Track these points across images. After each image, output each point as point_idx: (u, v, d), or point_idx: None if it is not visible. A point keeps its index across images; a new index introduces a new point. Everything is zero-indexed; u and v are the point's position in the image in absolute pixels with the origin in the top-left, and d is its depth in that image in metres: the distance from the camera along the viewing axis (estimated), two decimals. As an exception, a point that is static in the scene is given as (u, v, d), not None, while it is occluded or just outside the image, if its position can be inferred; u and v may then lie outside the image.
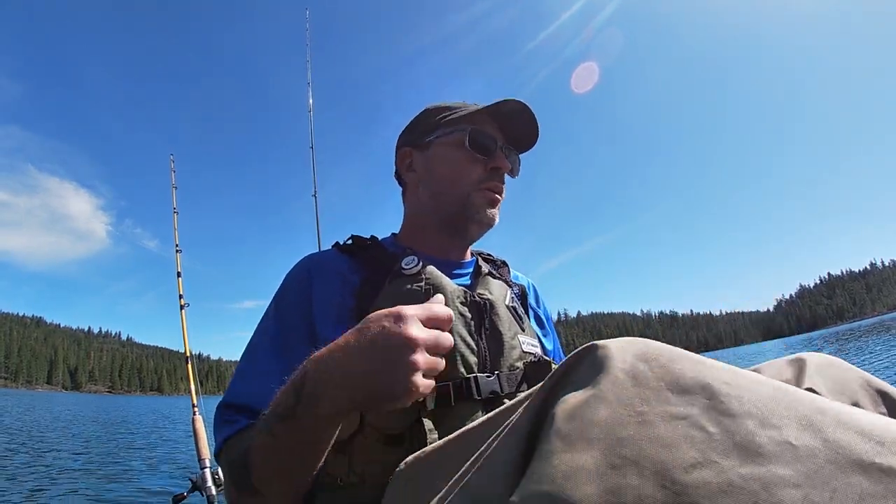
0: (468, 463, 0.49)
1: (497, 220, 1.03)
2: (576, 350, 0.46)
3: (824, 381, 0.64)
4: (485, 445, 0.48)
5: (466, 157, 0.99)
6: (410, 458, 0.61)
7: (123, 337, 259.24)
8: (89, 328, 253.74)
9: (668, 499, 0.34)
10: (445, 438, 0.58)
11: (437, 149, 1.03)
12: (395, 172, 1.13)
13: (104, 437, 12.99)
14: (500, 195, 1.01)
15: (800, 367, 0.67)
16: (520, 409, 0.47)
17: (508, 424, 0.46)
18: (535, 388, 0.49)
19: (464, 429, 0.56)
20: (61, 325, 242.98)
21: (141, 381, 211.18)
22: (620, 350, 0.43)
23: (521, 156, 1.10)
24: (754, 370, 0.70)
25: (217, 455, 0.85)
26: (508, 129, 1.04)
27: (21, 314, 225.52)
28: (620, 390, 0.40)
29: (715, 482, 0.33)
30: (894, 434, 0.34)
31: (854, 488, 0.31)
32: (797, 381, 0.65)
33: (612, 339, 0.46)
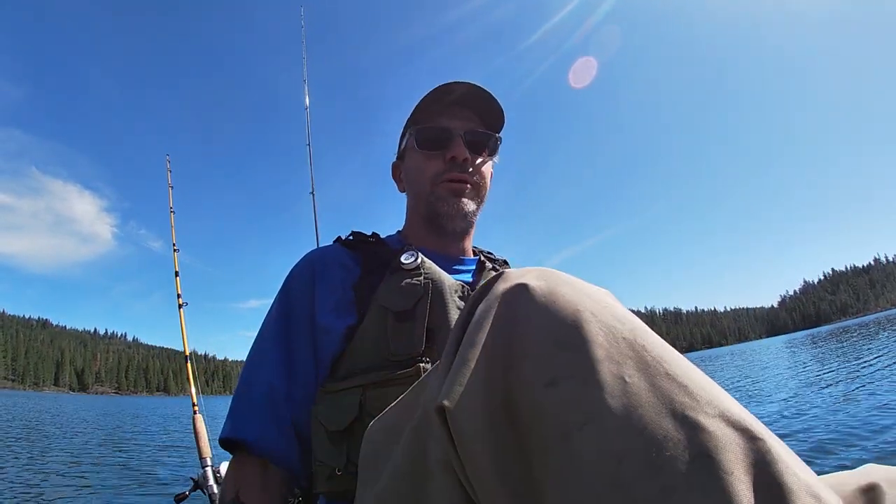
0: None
1: (471, 209, 1.02)
2: (493, 276, 0.55)
3: None
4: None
5: (422, 156, 1.01)
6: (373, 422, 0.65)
7: (129, 338, 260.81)
8: (95, 329, 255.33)
9: (516, 398, 0.42)
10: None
11: (407, 155, 1.08)
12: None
13: (107, 438, 13.14)
14: (464, 183, 1.01)
15: (874, 496, 0.54)
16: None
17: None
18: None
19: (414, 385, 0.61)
20: (67, 327, 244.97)
21: (147, 382, 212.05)
22: (518, 275, 0.51)
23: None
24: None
25: (220, 442, 0.91)
26: (476, 110, 1.03)
27: (27, 316, 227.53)
28: (506, 307, 0.48)
29: (553, 398, 0.40)
30: (709, 395, 0.40)
31: (662, 430, 0.37)
32: None
33: (515, 269, 0.54)
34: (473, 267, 1.06)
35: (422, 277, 0.90)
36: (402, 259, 0.93)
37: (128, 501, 5.48)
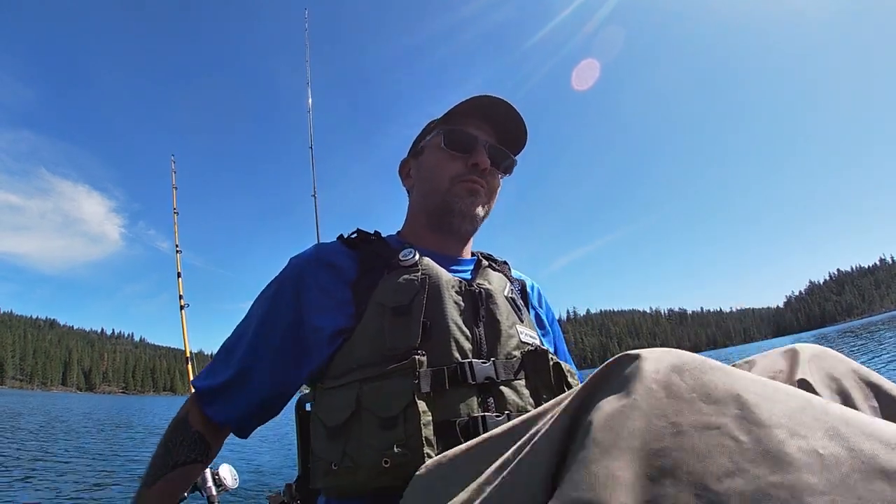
0: (494, 467, 0.49)
1: (480, 214, 1.06)
2: (610, 359, 0.47)
3: (817, 371, 0.64)
4: (511, 451, 0.48)
5: (446, 155, 1.04)
6: (431, 462, 0.60)
7: (136, 338, 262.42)
8: (102, 330, 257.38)
9: None
10: (467, 443, 0.57)
11: (425, 152, 1.09)
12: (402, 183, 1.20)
13: (108, 437, 13.20)
14: (481, 187, 1.04)
15: (793, 357, 0.68)
16: (549, 416, 0.48)
17: (539, 431, 0.47)
18: (563, 395, 0.50)
19: (487, 434, 0.55)
20: (75, 328, 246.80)
21: (154, 382, 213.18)
22: (654, 360, 0.44)
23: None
24: (748, 361, 0.72)
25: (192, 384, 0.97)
26: (498, 129, 1.07)
27: (35, 317, 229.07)
28: (655, 401, 0.41)
29: (747, 491, 0.34)
30: None
31: (878, 494, 0.33)
32: (790, 371, 0.66)
33: (646, 349, 0.46)
34: (471, 266, 1.08)
35: (419, 273, 0.91)
36: (401, 256, 0.95)
37: (126, 501, 5.44)
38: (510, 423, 0.53)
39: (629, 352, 0.47)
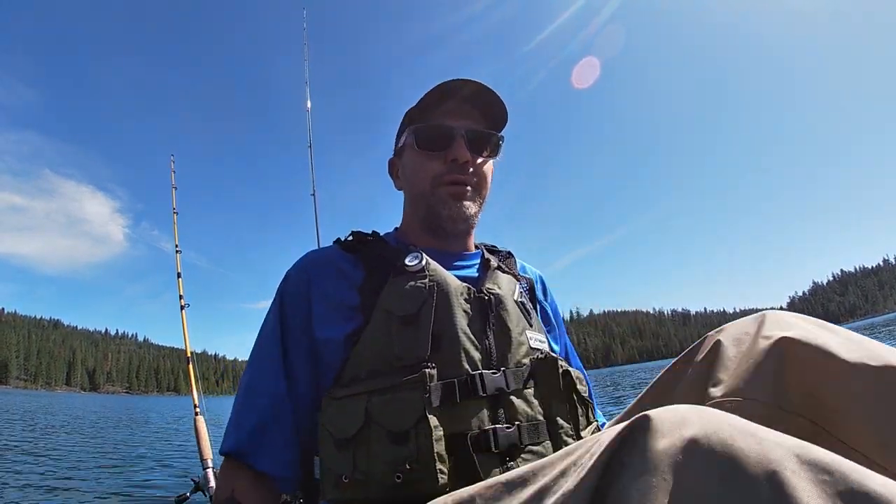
0: None
1: (472, 211, 1.01)
2: (627, 423, 0.43)
3: (776, 328, 0.68)
4: None
5: (422, 156, 1.00)
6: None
7: (140, 338, 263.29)
8: (106, 330, 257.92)
9: None
10: (480, 485, 0.53)
11: (405, 154, 1.05)
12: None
13: (110, 437, 13.11)
14: (464, 185, 0.99)
15: (760, 321, 0.73)
16: (561, 473, 0.45)
17: (554, 491, 0.44)
18: (577, 446, 0.47)
19: (500, 478, 0.51)
20: (79, 328, 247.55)
21: (158, 382, 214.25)
22: (674, 426, 0.40)
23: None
24: (720, 330, 0.78)
25: (222, 452, 0.90)
26: (476, 110, 1.02)
27: (39, 317, 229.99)
28: (679, 481, 0.37)
29: None
30: None
31: None
32: (756, 333, 0.71)
33: (664, 410, 0.43)
34: (477, 262, 1.05)
35: (426, 280, 0.88)
36: (407, 261, 0.91)
37: (128, 501, 5.48)
38: (523, 470, 0.50)
39: (648, 413, 0.43)
